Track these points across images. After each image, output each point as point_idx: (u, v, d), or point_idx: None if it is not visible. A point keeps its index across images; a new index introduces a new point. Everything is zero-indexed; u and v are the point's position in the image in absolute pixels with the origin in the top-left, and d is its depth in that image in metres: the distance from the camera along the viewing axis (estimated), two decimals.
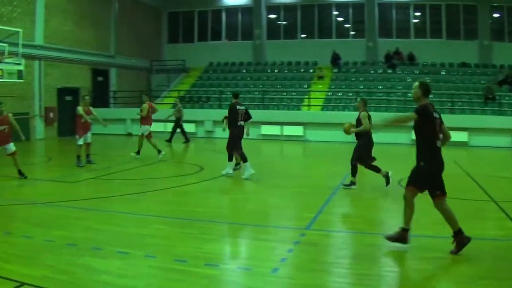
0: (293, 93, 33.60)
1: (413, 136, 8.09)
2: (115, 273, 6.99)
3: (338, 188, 13.53)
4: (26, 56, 26.16)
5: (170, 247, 8.19)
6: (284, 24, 40.52)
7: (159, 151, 19.18)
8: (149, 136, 19.37)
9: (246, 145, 15.57)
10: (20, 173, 14.81)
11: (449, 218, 7.97)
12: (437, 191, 7.94)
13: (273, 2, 40.00)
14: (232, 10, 41.71)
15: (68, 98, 31.48)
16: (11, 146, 14.77)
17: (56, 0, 30.18)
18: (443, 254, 7.78)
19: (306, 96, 31.88)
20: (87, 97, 18.11)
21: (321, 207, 11.07)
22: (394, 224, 8.50)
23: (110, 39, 36.16)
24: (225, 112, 16.13)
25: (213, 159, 16.00)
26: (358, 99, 14.81)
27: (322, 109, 30.77)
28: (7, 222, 10.06)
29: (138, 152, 19.41)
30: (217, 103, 32.56)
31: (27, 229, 9.31)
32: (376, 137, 13.63)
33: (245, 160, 15.07)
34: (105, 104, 34.92)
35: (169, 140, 26.55)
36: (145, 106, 19.45)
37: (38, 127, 29.14)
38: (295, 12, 39.77)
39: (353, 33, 38.70)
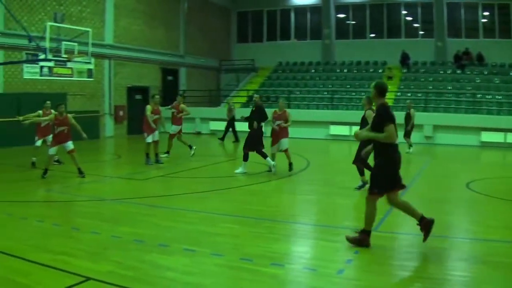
0: (362, 93, 33.07)
1: (482, 138, 7.83)
2: (181, 270, 7.07)
3: (407, 189, 13.19)
4: (96, 55, 26.70)
5: (237, 246, 8.22)
6: (353, 24, 40.02)
7: (190, 147, 19.51)
8: (176, 135, 19.53)
9: (315, 145, 15.37)
10: (80, 171, 15.13)
11: (407, 209, 8.25)
12: (398, 187, 8.19)
13: (342, 2, 39.68)
14: (301, 10, 41.53)
15: (138, 97, 31.86)
16: (70, 144, 15.09)
17: (126, 0, 30.50)
18: (509, 259, 7.64)
19: None
20: (157, 96, 18.29)
21: (389, 208, 10.79)
22: (463, 228, 8.27)
23: (179, 39, 36.54)
24: (295, 111, 15.91)
25: (281, 159, 15.84)
26: (364, 96, 14.28)
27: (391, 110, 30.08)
28: (75, 218, 10.38)
29: (167, 152, 19.52)
30: (286, 102, 32.30)
31: (95, 225, 9.52)
32: (442, 138, 13.24)
33: (246, 159, 15.61)
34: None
35: (222, 139, 27.19)
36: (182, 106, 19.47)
37: (108, 125, 29.69)
38: (363, 11, 39.29)
39: (422, 32, 37.99)
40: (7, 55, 23.75)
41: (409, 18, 38.39)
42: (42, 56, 21.48)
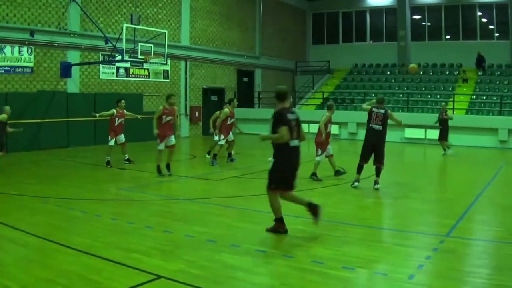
0: (438, 96, 32.51)
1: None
2: (251, 271, 7.07)
3: (481, 194, 13.07)
4: (172, 57, 27.02)
5: (308, 248, 8.18)
6: (428, 25, 39.28)
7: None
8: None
9: (390, 148, 15.18)
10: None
11: (294, 199, 9.09)
12: (290, 187, 8.87)
13: (417, 3, 38.97)
14: (376, 11, 41.11)
15: (213, 98, 32.06)
16: (173, 139, 15.62)
17: (201, 2, 31.12)
18: None
19: (451, 99, 30.61)
20: (235, 100, 18.50)
21: (463, 214, 10.73)
22: None
23: (255, 40, 36.66)
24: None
25: (355, 162, 15.52)
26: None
27: (467, 113, 29.62)
28: (149, 217, 10.48)
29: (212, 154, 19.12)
30: (361, 105, 31.93)
31: (168, 224, 9.71)
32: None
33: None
34: (250, 105, 35.28)
35: None
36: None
37: (184, 126, 29.88)
38: (439, 12, 38.53)
39: (497, 34, 36.95)
40: (84, 56, 24.26)
41: (484, 20, 37.45)
42: (118, 57, 21.85)
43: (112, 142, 17.39)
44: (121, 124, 17.46)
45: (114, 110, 17.39)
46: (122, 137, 17.57)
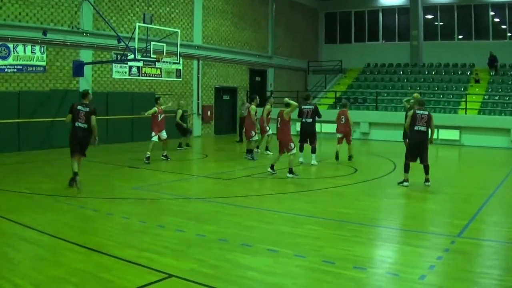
0: (450, 96, 32.36)
1: None
2: (263, 270, 7.07)
3: (493, 195, 13.05)
4: (185, 56, 27.10)
5: (320, 248, 8.18)
6: (441, 25, 39.09)
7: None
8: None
9: (402, 147, 15.15)
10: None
11: None
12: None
13: (430, 2, 38.78)
14: (389, 11, 40.96)
15: (225, 97, 32.07)
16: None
17: (214, 1, 31.13)
18: None
19: (463, 99, 30.47)
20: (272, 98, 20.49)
21: (474, 214, 10.69)
22: None
23: (267, 40, 36.64)
24: (383, 113, 15.58)
25: (368, 161, 15.51)
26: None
27: (479, 113, 29.45)
28: (161, 216, 10.55)
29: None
30: (373, 104, 31.92)
31: (180, 223, 9.70)
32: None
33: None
34: (262, 104, 35.20)
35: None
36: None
37: (196, 125, 29.88)
38: (451, 12, 38.30)
39: (509, 34, 36.62)
40: (96, 55, 24.33)
41: (497, 20, 37.18)
42: (131, 56, 21.88)
43: (155, 138, 17.76)
44: (163, 120, 17.95)
45: (156, 108, 17.84)
46: (164, 133, 18.01)
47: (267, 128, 19.96)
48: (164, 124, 18.05)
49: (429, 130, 13.69)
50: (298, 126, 19.86)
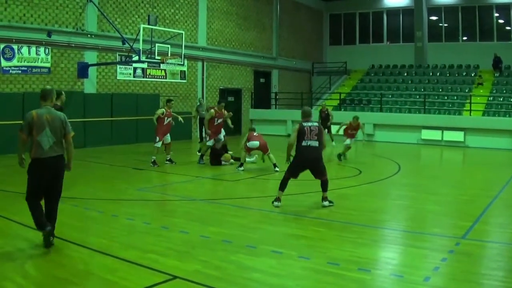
0: (455, 97, 32.35)
1: None
2: (267, 272, 7.08)
3: (497, 197, 13.01)
4: (189, 57, 27.16)
5: (324, 249, 8.18)
6: (445, 26, 39.05)
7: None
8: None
9: (406, 149, 15.11)
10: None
11: None
12: None
13: (434, 4, 38.74)
14: (393, 12, 40.94)
15: (230, 98, 32.08)
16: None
17: (218, 3, 31.14)
18: None
19: (467, 101, 30.47)
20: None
21: (479, 216, 10.68)
22: None
23: (272, 41, 36.67)
24: (387, 115, 15.54)
25: (372, 163, 15.45)
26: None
27: (483, 114, 29.46)
28: (165, 217, 10.62)
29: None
30: (378, 106, 31.89)
31: (184, 224, 9.70)
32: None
33: None
34: (267, 106, 35.28)
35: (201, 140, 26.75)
36: None
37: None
38: (456, 13, 38.22)
39: None
40: (101, 56, 24.35)
41: (501, 21, 37.14)
42: (135, 58, 21.91)
43: (159, 144, 17.42)
44: (169, 123, 17.63)
45: (163, 110, 17.55)
46: (168, 137, 17.69)
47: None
48: (170, 128, 17.76)
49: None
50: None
